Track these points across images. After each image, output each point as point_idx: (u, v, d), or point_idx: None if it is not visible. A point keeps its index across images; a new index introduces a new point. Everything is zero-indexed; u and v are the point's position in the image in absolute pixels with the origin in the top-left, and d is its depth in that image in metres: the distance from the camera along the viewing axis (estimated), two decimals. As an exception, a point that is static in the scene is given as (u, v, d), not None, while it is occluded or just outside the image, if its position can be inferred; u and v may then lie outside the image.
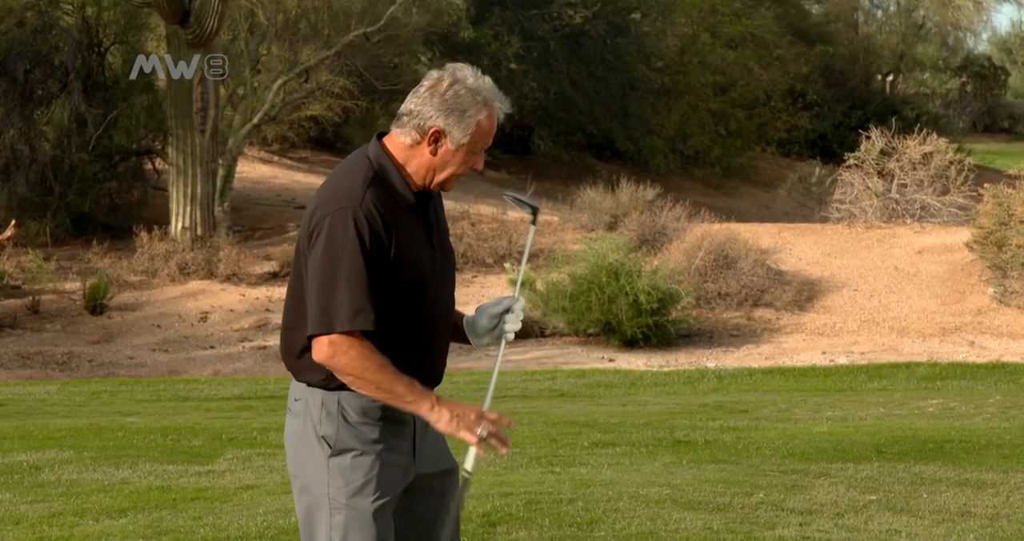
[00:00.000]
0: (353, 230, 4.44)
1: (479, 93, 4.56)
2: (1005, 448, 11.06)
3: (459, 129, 4.53)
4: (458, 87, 4.54)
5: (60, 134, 23.95)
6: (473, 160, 4.57)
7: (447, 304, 4.68)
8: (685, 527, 8.40)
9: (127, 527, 8.51)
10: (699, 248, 20.99)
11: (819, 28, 42.36)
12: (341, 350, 4.45)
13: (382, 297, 4.49)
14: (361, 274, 4.44)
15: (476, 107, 4.54)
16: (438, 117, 4.53)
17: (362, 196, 4.48)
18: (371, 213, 4.46)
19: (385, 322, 4.49)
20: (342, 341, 4.44)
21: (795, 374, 16.50)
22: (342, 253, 4.44)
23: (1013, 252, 20.02)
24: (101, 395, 15.05)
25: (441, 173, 4.58)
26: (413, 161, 4.57)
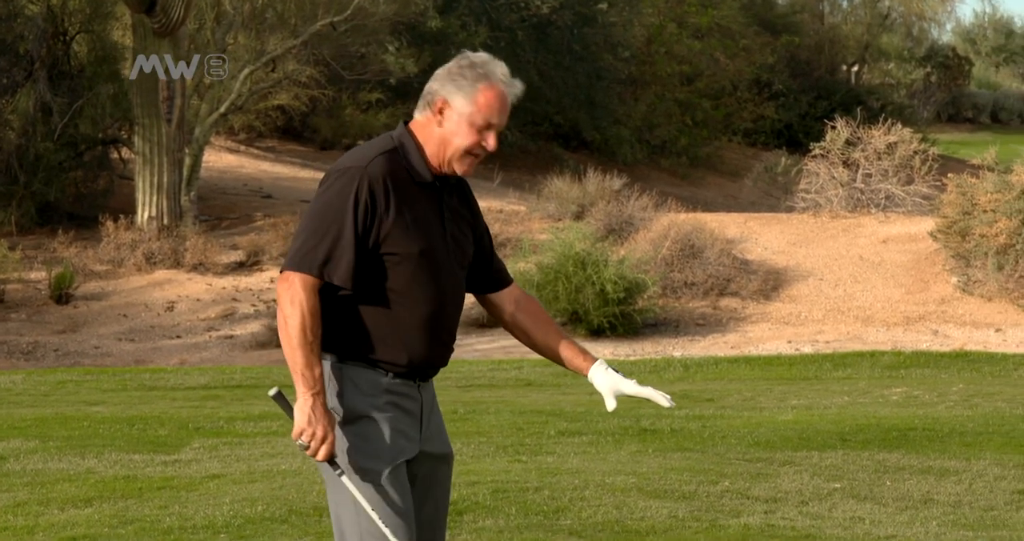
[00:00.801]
0: (354, 188, 4.55)
1: (482, 67, 4.67)
2: (968, 436, 11.10)
3: (460, 97, 4.62)
4: (463, 63, 4.67)
5: (25, 123, 23.85)
6: (482, 137, 4.62)
7: (450, 290, 4.71)
8: (651, 515, 8.42)
9: (92, 516, 8.49)
10: (665, 238, 21.02)
11: (785, 18, 42.44)
12: (290, 289, 4.53)
13: (370, 261, 4.58)
14: (346, 230, 4.53)
15: (478, 78, 4.64)
16: (443, 89, 4.64)
17: (370, 160, 4.59)
18: (375, 177, 4.56)
19: (378, 289, 4.60)
20: (298, 282, 4.53)
21: (760, 363, 16.54)
22: (335, 205, 4.55)
23: (976, 242, 20.10)
24: (67, 385, 15.01)
25: (450, 147, 4.64)
26: (430, 139, 4.66)
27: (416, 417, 4.69)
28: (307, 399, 4.53)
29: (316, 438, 4.51)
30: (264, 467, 9.90)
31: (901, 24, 48.62)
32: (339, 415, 4.61)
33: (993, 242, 19.83)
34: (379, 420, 4.62)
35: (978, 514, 8.57)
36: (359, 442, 4.59)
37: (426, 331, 4.66)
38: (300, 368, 4.52)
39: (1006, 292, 19.86)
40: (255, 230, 23.28)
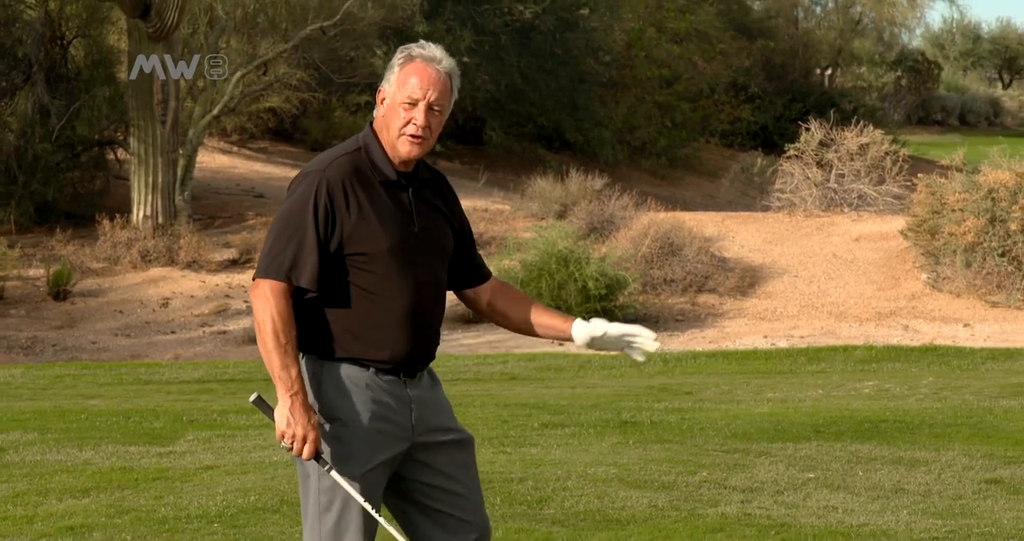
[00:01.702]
0: (313, 192, 4.56)
1: (405, 49, 4.70)
2: (937, 427, 11.13)
3: (389, 82, 4.66)
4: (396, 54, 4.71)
5: (24, 125, 23.81)
6: (410, 114, 4.61)
7: (427, 284, 4.69)
8: (631, 505, 8.43)
9: (90, 506, 8.49)
10: (645, 236, 21.03)
11: (760, 23, 42.46)
12: (260, 295, 4.56)
13: (335, 261, 4.58)
14: (308, 233, 4.55)
15: (400, 60, 4.66)
16: (383, 82, 4.69)
17: (330, 163, 4.61)
18: (334, 179, 4.58)
19: (346, 287, 4.60)
20: (267, 289, 4.55)
21: (737, 357, 16.55)
22: (296, 210, 4.58)
23: (945, 240, 20.14)
24: (64, 379, 14.98)
25: (390, 131, 4.65)
26: (383, 135, 4.67)
27: (405, 413, 4.66)
28: (285, 401, 4.53)
29: (298, 438, 4.52)
30: (256, 458, 9.90)
31: (872, 29, 48.69)
32: (316, 413, 4.60)
33: (961, 240, 19.87)
34: (356, 420, 4.60)
35: (947, 503, 8.59)
36: (333, 444, 4.59)
37: (405, 326, 4.65)
38: (277, 370, 4.53)
39: (974, 288, 19.90)
40: (247, 229, 23.26)
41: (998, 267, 19.77)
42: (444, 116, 4.70)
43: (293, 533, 7.84)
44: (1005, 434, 10.87)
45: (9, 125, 23.99)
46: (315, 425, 4.54)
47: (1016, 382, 13.90)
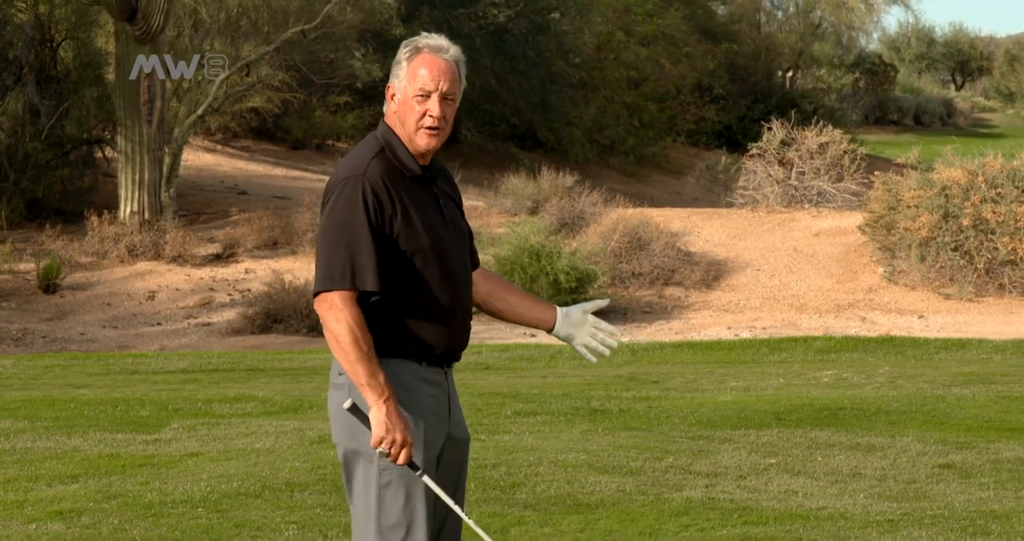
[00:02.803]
0: (360, 196, 4.42)
1: (410, 43, 4.59)
2: (893, 415, 11.16)
3: (397, 78, 4.55)
4: (401, 50, 4.59)
5: (14, 124, 23.74)
6: (424, 106, 4.50)
7: (461, 274, 4.61)
8: (600, 490, 8.44)
9: (78, 492, 8.47)
10: (614, 231, 21.05)
11: (724, 27, 42.54)
12: (327, 305, 4.41)
13: (389, 261, 4.46)
14: (363, 237, 4.40)
15: (407, 53, 4.54)
16: (391, 78, 4.57)
17: (367, 165, 4.47)
18: (375, 181, 4.44)
19: (399, 286, 4.47)
20: (336, 300, 4.40)
21: (702, 348, 16.57)
22: (345, 217, 4.42)
23: (901, 235, 20.20)
24: (54, 369, 14.94)
25: (406, 126, 4.54)
26: (398, 128, 4.56)
27: (445, 402, 4.60)
28: (380, 407, 4.38)
29: (396, 444, 4.38)
30: (239, 446, 9.88)
31: (832, 33, 48.80)
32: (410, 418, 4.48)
33: (916, 235, 19.93)
34: (418, 413, 4.50)
35: (902, 487, 8.62)
36: None
37: (449, 318, 4.56)
38: (365, 379, 4.37)
39: (928, 281, 19.97)
40: (231, 224, 23.21)
41: (951, 261, 19.84)
42: (456, 105, 4.60)
43: (274, 517, 7.83)
44: (957, 421, 10.91)
45: (0, 125, 23.90)
46: (411, 431, 4.42)
47: (968, 371, 13.95)
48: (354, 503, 4.55)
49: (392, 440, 4.38)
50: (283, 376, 14.15)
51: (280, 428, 10.57)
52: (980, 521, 7.72)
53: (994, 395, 12.18)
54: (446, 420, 4.61)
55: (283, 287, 18.72)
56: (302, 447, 9.76)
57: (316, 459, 9.21)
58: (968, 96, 67.88)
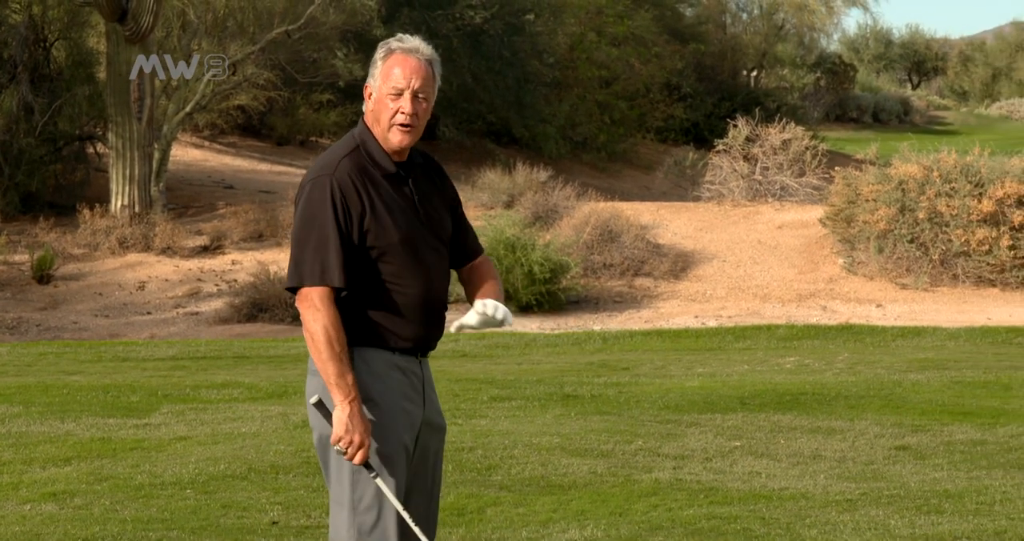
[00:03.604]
0: (328, 196, 4.43)
1: (384, 44, 4.59)
2: (852, 399, 11.20)
3: (373, 78, 4.55)
4: (377, 51, 4.59)
5: (9, 121, 23.64)
6: (397, 104, 4.50)
7: (436, 267, 4.59)
8: (573, 471, 8.46)
9: (71, 474, 8.46)
10: (586, 224, 21.06)
11: (692, 28, 42.53)
12: (306, 304, 4.42)
13: (360, 256, 4.45)
14: (330, 236, 4.41)
15: (382, 54, 4.55)
16: (368, 79, 4.58)
17: (336, 165, 4.47)
18: (343, 180, 4.44)
19: (371, 279, 4.47)
20: (308, 296, 4.42)
21: (670, 336, 16.60)
22: (314, 214, 4.43)
23: (860, 227, 20.25)
24: (47, 356, 14.90)
25: (381, 124, 4.53)
26: (375, 129, 4.55)
27: (419, 389, 4.58)
28: (344, 407, 4.39)
29: (353, 444, 4.39)
30: (226, 430, 9.88)
31: (794, 34, 48.86)
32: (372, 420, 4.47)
33: (874, 228, 19.99)
34: (388, 400, 4.50)
35: (860, 468, 8.65)
36: None
37: (422, 310, 4.55)
38: (334, 379, 4.38)
39: (885, 272, 20.03)
40: (218, 217, 23.16)
41: (907, 252, 19.90)
42: (430, 103, 4.59)
43: (259, 498, 7.83)
44: (913, 405, 10.96)
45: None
46: (370, 433, 4.41)
47: (923, 357, 14.01)
48: (330, 485, 4.56)
49: (350, 440, 4.39)
50: (268, 363, 14.14)
51: (265, 413, 10.56)
52: (934, 500, 7.76)
53: (948, 380, 12.23)
54: (420, 406, 4.59)
55: (268, 278, 18.70)
56: (286, 431, 9.76)
57: (300, 443, 9.21)
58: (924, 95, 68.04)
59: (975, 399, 11.26)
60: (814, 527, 7.15)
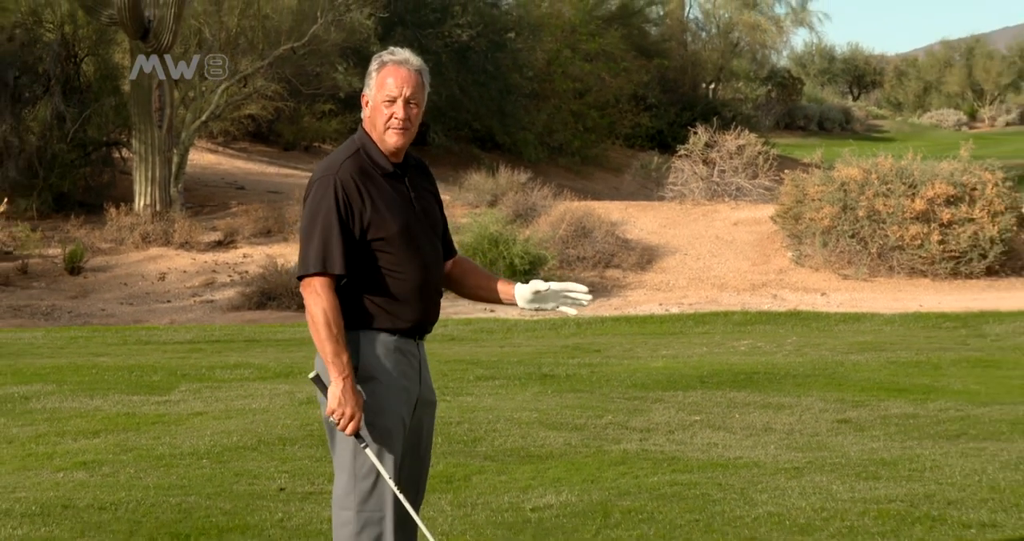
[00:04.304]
0: (331, 193, 4.43)
1: (378, 57, 4.61)
2: (799, 378, 11.23)
3: (369, 87, 4.58)
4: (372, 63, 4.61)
5: (43, 129, 23.59)
6: (391, 110, 4.52)
7: (431, 257, 4.60)
8: (550, 443, 8.47)
9: (100, 445, 8.45)
10: (562, 221, 21.06)
11: (656, 45, 42.52)
12: (309, 290, 4.43)
13: (361, 247, 4.46)
14: (333, 229, 4.41)
15: (376, 66, 4.57)
16: (364, 88, 4.60)
17: (340, 166, 4.48)
18: (346, 179, 4.45)
19: (373, 268, 4.48)
20: (311, 283, 4.43)
21: (637, 321, 16.63)
22: (319, 210, 4.44)
23: (807, 224, 20.29)
24: (78, 340, 14.88)
25: (377, 128, 4.55)
26: (373, 134, 4.57)
27: (416, 369, 4.59)
28: (338, 383, 4.39)
29: (345, 416, 4.38)
30: (238, 406, 9.87)
31: (748, 51, 48.89)
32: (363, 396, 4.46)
33: (819, 224, 20.03)
34: (390, 379, 4.50)
35: (806, 439, 8.68)
36: (369, 400, 4.47)
37: (420, 296, 4.56)
38: (330, 358, 4.39)
39: (829, 264, 20.08)
40: (231, 215, 23.12)
41: (849, 246, 19.95)
42: (421, 108, 4.60)
43: (268, 467, 7.83)
44: (853, 383, 11.00)
45: (31, 129, 23.78)
46: (361, 406, 4.41)
47: (863, 340, 14.05)
48: (335, 454, 4.57)
49: (342, 413, 4.39)
50: (276, 346, 14.12)
51: (273, 391, 10.56)
52: (871, 468, 7.79)
53: (884, 361, 12.28)
54: (417, 384, 4.61)
55: (276, 269, 18.68)
56: (292, 407, 9.76)
57: (304, 417, 9.21)
58: (863, 105, 68.19)
59: (908, 377, 11.31)
60: (765, 492, 7.17)
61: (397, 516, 4.52)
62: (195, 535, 6.38)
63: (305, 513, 6.77)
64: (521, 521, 6.62)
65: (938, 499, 7.00)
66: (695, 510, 6.78)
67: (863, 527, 6.49)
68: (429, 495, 6.72)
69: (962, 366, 11.97)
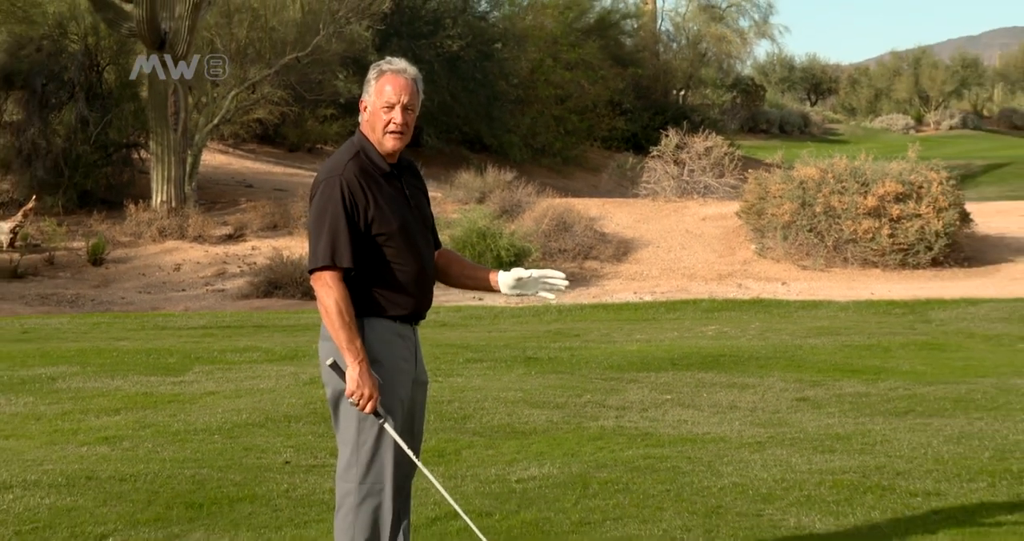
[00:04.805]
0: (337, 192, 4.42)
1: (376, 66, 4.60)
2: (761, 360, 11.25)
3: (368, 94, 4.57)
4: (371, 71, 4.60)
5: (69, 132, 23.55)
6: (389, 115, 4.52)
7: (425, 250, 4.61)
8: (533, 420, 8.47)
9: (120, 422, 8.44)
10: (544, 216, 21.06)
11: (631, 55, 42.49)
12: (320, 283, 4.42)
13: (366, 242, 4.45)
14: (341, 226, 4.40)
15: (374, 75, 4.57)
16: (363, 94, 4.59)
17: (344, 167, 4.47)
18: (351, 179, 4.44)
19: (376, 261, 4.47)
20: (322, 276, 4.42)
21: (614, 308, 16.64)
22: (327, 208, 4.42)
23: (769, 219, 20.31)
24: (100, 325, 14.84)
25: (376, 132, 4.54)
26: (370, 134, 4.56)
27: (412, 352, 4.62)
28: (355, 367, 4.39)
29: (364, 397, 4.40)
30: (247, 386, 9.86)
31: (715, 60, 48.88)
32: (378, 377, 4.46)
33: (780, 219, 20.05)
34: (392, 362, 4.52)
35: (768, 416, 8.69)
36: None
37: (417, 286, 4.57)
38: (345, 344, 4.38)
39: (789, 256, 20.10)
40: (240, 211, 23.08)
41: (807, 240, 19.98)
42: (415, 113, 4.60)
43: (275, 442, 7.82)
44: (811, 364, 11.02)
45: (58, 132, 23.74)
46: (377, 387, 4.42)
47: (820, 325, 14.07)
48: (339, 430, 4.58)
49: (361, 394, 4.40)
50: (282, 331, 14.11)
51: (280, 372, 10.55)
52: (827, 442, 7.81)
53: (839, 344, 12.30)
54: (414, 366, 4.63)
55: (282, 261, 18.65)
56: (297, 387, 9.75)
57: (308, 397, 9.20)
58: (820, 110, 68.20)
59: (861, 359, 11.33)
60: (730, 464, 7.19)
61: (395, 487, 4.55)
62: (208, 504, 6.38)
63: (309, 484, 6.77)
64: (507, 491, 6.62)
65: (888, 470, 7.02)
66: (666, 481, 6.79)
67: (819, 496, 6.51)
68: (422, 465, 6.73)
69: (910, 349, 12.01)
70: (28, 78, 23.54)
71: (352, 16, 25.87)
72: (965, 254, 20.09)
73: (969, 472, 6.99)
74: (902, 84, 70.67)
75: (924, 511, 6.26)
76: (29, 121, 23.47)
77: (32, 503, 6.37)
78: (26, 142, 23.29)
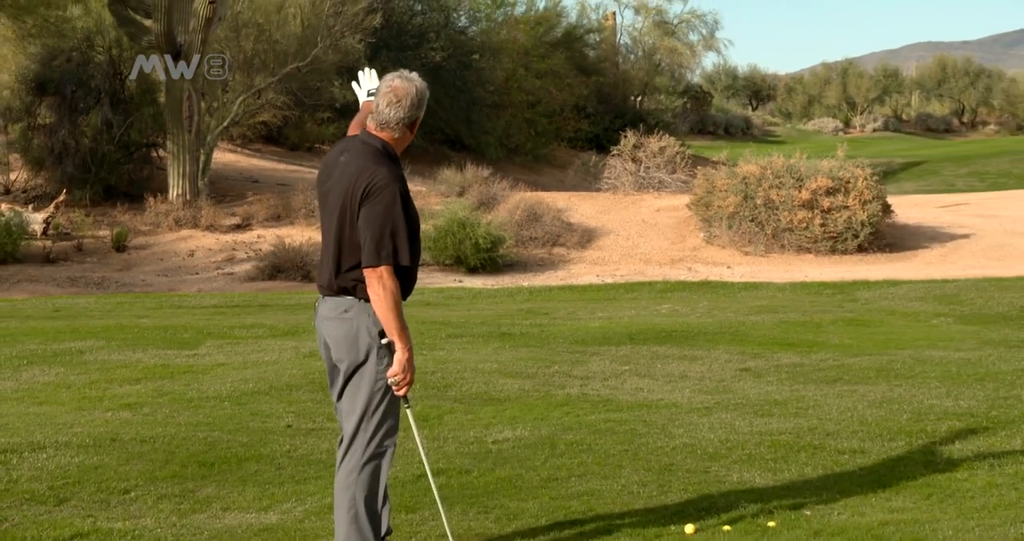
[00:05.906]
0: (398, 196, 4.38)
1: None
2: (709, 335, 11.27)
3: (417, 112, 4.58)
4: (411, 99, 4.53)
5: (95, 133, 23.40)
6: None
7: None
8: (507, 388, 8.47)
9: (141, 390, 8.40)
10: (517, 208, 21.03)
11: (594, 65, 42.43)
12: (385, 279, 4.36)
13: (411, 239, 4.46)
14: (400, 227, 4.37)
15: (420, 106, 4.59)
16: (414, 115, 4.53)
17: (400, 176, 4.44)
18: (405, 186, 4.43)
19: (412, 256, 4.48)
20: (385, 273, 4.37)
21: (579, 290, 16.65)
22: (390, 209, 4.35)
23: (715, 210, 20.34)
24: (123, 305, 14.76)
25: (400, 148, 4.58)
26: (399, 146, 4.54)
27: None
28: (404, 352, 4.40)
29: (406, 382, 4.41)
30: (254, 359, 9.82)
31: (668, 70, 48.89)
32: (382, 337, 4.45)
33: (726, 211, 20.09)
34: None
35: (714, 384, 8.72)
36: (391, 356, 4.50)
37: (415, 274, 4.58)
38: (398, 330, 4.38)
39: (734, 243, 20.14)
40: (247, 203, 22.97)
41: (749, 229, 20.02)
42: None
43: (278, 408, 7.80)
44: (753, 339, 11.05)
45: (85, 133, 23.60)
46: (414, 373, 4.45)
47: (760, 304, 14.12)
48: (351, 399, 4.55)
49: (404, 377, 4.42)
50: (284, 310, 14.06)
51: (282, 346, 10.51)
52: (767, 406, 7.84)
53: (777, 321, 12.34)
54: None
55: (284, 248, 18.58)
56: (297, 360, 9.72)
57: (307, 368, 9.17)
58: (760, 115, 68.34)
59: (796, 334, 11.37)
60: (681, 427, 7.20)
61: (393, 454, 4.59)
62: (219, 463, 6.36)
63: (308, 445, 6.76)
64: (484, 451, 6.62)
65: (819, 431, 7.06)
66: (625, 442, 6.80)
67: (759, 454, 6.53)
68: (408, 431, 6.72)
69: (838, 325, 12.06)
70: (59, 85, 23.41)
71: (346, 30, 25.78)
72: (887, 241, 20.19)
73: (890, 432, 7.03)
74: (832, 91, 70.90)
75: (851, 467, 6.29)
76: (60, 124, 23.34)
77: (63, 461, 6.34)
78: (57, 142, 23.18)
